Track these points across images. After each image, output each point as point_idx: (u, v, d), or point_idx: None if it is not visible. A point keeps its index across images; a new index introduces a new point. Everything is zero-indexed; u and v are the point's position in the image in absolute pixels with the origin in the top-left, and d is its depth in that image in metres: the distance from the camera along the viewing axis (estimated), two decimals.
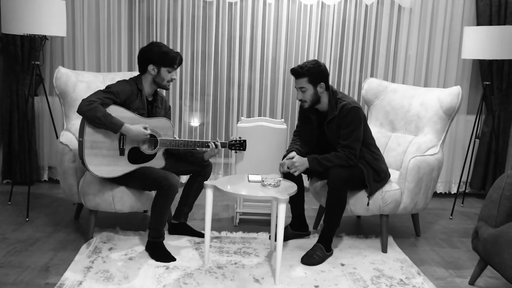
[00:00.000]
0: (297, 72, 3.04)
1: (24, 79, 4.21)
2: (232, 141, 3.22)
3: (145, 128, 2.93)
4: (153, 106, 3.12)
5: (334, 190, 2.98)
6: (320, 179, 3.31)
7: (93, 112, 2.79)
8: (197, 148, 3.19)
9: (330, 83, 3.12)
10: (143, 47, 3.05)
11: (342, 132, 3.03)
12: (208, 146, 3.13)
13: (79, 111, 2.83)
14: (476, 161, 4.62)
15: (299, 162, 3.05)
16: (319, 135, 3.22)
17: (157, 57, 2.99)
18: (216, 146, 3.13)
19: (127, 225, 3.48)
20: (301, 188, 3.23)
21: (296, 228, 3.36)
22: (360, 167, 3.07)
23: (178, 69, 4.44)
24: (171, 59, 3.00)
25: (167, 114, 3.23)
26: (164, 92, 4.37)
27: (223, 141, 3.20)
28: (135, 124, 2.92)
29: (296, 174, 3.07)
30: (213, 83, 4.52)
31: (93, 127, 2.86)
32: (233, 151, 3.27)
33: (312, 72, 3.02)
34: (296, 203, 3.30)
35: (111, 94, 2.90)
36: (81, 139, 2.90)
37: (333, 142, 3.10)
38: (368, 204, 3.11)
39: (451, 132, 4.58)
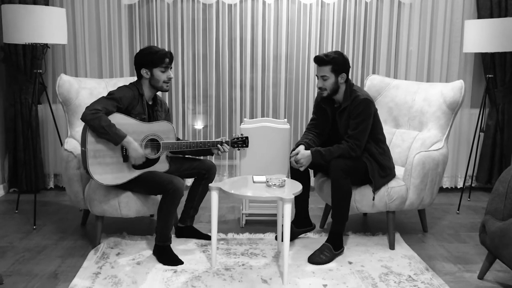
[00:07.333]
0: (322, 60, 3.06)
1: (27, 87, 4.23)
2: (234, 139, 3.20)
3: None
4: (154, 110, 3.13)
5: (337, 181, 2.98)
6: (325, 175, 3.30)
7: (98, 121, 2.80)
8: (206, 147, 3.16)
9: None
10: (135, 54, 3.08)
11: (351, 122, 3.05)
12: (216, 146, 3.13)
13: (84, 119, 2.83)
14: (482, 155, 4.60)
15: (304, 157, 3.05)
16: (332, 128, 3.23)
17: (145, 60, 3.01)
18: (223, 149, 3.13)
19: (133, 229, 3.49)
20: (307, 184, 3.22)
21: (299, 225, 3.34)
22: (363, 160, 3.07)
23: (180, 72, 4.46)
24: (159, 58, 3.00)
25: (167, 116, 3.24)
26: (166, 95, 4.39)
27: (226, 138, 3.19)
28: (137, 132, 2.94)
29: (302, 169, 3.08)
30: (215, 85, 4.52)
31: (95, 135, 2.87)
32: (236, 149, 3.25)
33: (336, 62, 3.04)
34: (300, 199, 3.28)
35: (114, 101, 2.91)
36: (83, 148, 2.90)
37: (343, 132, 3.11)
38: (373, 199, 3.11)
39: (455, 126, 4.56)
